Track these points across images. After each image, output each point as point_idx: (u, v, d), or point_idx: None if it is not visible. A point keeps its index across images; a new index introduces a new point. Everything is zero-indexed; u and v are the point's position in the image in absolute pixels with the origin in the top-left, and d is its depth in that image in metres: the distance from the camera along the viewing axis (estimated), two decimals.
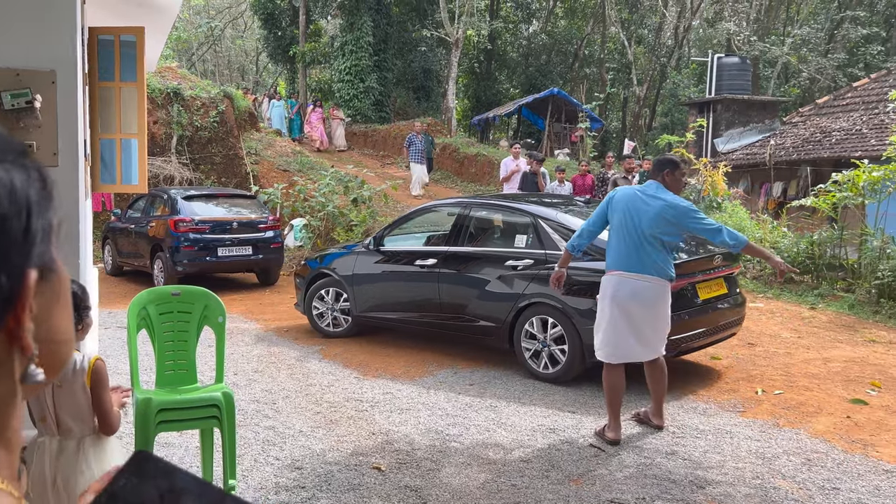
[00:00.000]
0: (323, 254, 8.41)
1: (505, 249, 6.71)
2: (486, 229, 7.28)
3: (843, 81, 25.55)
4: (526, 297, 6.31)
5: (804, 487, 4.13)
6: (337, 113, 23.75)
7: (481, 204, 7.41)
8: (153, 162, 15.12)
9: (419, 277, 7.12)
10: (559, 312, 6.12)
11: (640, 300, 4.76)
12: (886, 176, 9.55)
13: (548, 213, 6.59)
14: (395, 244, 7.66)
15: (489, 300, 6.61)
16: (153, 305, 3.99)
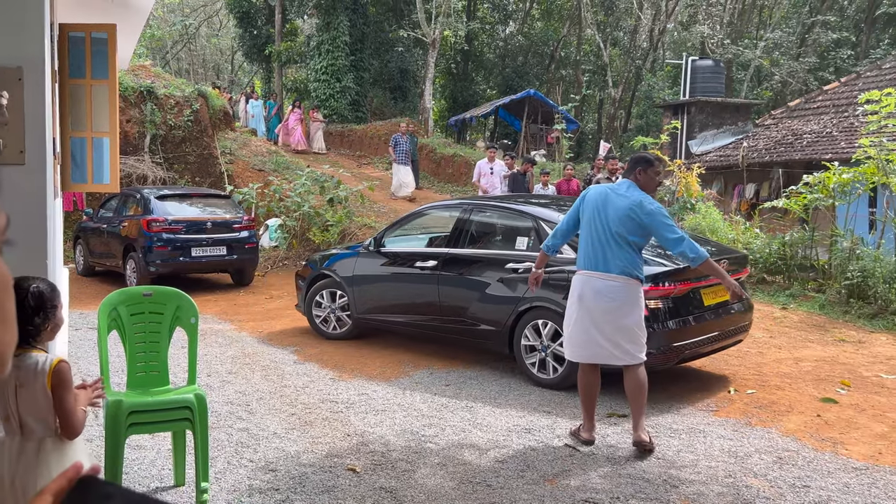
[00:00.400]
0: (325, 254, 8.30)
1: (505, 252, 6.58)
2: (487, 231, 7.13)
3: (814, 85, 25.93)
4: (526, 300, 6.14)
5: (775, 485, 4.18)
6: (316, 115, 23.45)
7: (482, 206, 7.28)
8: (126, 161, 14.95)
9: (419, 279, 7.01)
10: (560, 317, 5.68)
11: (605, 300, 4.64)
12: (856, 178, 9.69)
13: (549, 216, 6.42)
14: (395, 245, 7.56)
15: (489, 303, 6.49)
16: (124, 306, 3.93)
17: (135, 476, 4.16)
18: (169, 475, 4.17)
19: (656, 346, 5.46)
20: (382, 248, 7.48)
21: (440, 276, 6.83)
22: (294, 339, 7.89)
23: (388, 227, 7.79)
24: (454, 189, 19.97)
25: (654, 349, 5.38)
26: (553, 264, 5.83)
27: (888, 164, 9.36)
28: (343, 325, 7.78)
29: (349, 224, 13.44)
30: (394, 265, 7.33)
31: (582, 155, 29.89)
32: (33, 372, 2.49)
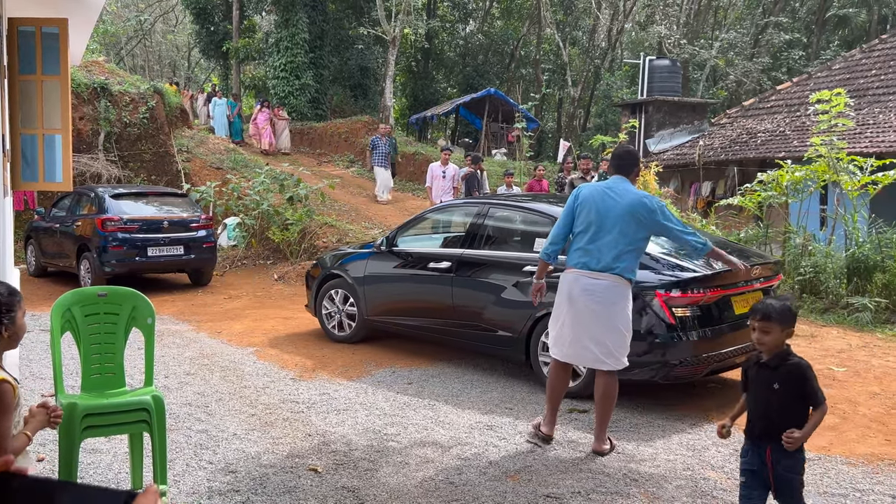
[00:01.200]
0: (336, 253, 8.02)
1: (523, 254, 6.21)
2: (504, 232, 6.75)
3: (767, 85, 26.50)
4: (544, 305, 5.56)
5: (732, 477, 4.26)
6: (281, 113, 22.93)
7: (500, 205, 6.90)
8: (79, 159, 14.62)
9: (432, 282, 6.72)
10: None
11: (597, 299, 4.55)
12: (808, 176, 9.92)
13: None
14: (408, 245, 7.26)
15: (505, 308, 6.18)
16: (78, 307, 3.85)
17: (90, 480, 4.07)
18: (126, 478, 4.09)
19: (683, 357, 5.28)
20: (395, 248, 7.20)
21: (454, 278, 6.53)
22: (254, 340, 7.80)
23: (401, 226, 7.54)
24: (416, 188, 19.94)
25: (680, 360, 5.26)
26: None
27: (838, 163, 9.60)
28: (342, 329, 7.57)
29: (309, 223, 13.33)
30: (406, 266, 7.05)
31: (542, 154, 30.11)
32: None
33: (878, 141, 13.44)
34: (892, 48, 16.28)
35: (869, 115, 14.57)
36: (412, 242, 7.36)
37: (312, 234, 13.26)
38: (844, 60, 17.37)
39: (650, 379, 5.43)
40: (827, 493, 4.05)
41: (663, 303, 5.26)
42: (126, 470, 4.16)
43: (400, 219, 15.43)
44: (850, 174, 9.44)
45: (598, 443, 4.66)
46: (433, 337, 6.92)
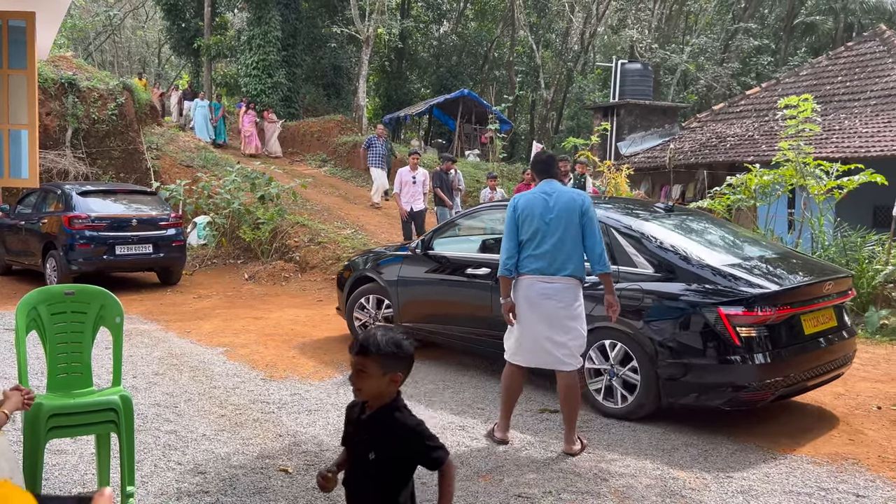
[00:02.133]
0: (368, 255, 7.69)
1: None
2: None
3: (736, 89, 26.88)
4: (592, 319, 5.15)
5: (700, 477, 4.31)
6: (271, 116, 22.35)
7: None
8: (46, 155, 14.37)
9: (469, 288, 6.32)
10: (631, 340, 5.21)
11: (554, 302, 4.60)
12: (776, 180, 10.07)
13: (622, 222, 5.62)
14: (444, 249, 6.85)
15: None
16: (44, 305, 3.78)
17: (56, 482, 4.00)
18: (92, 480, 4.03)
19: (749, 381, 4.82)
20: (430, 252, 6.81)
21: (493, 285, 5.84)
22: (223, 340, 7.73)
23: (436, 228, 7.16)
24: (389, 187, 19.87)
25: (746, 384, 4.82)
26: (626, 279, 5.29)
27: (805, 167, 9.76)
28: None
29: (281, 222, 13.24)
30: (442, 271, 6.67)
31: (515, 155, 30.23)
32: None
33: (843, 146, 13.71)
34: (857, 55, 16.62)
35: (835, 120, 14.85)
36: (448, 246, 6.94)
37: (284, 233, 13.17)
38: (811, 67, 17.68)
39: (713, 405, 4.97)
40: (793, 492, 4.12)
41: (727, 321, 4.81)
42: (92, 471, 4.10)
43: (377, 220, 15.41)
44: (816, 178, 9.61)
45: (567, 444, 4.69)
46: (470, 347, 6.51)
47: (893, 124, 13.93)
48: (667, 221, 5.81)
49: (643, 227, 5.57)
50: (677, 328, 5.02)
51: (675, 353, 4.99)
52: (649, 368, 5.10)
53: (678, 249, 5.31)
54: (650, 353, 5.09)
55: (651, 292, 5.18)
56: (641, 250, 5.37)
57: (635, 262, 5.35)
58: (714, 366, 4.90)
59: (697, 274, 5.08)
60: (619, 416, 5.28)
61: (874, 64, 16.00)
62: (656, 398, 5.11)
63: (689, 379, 4.95)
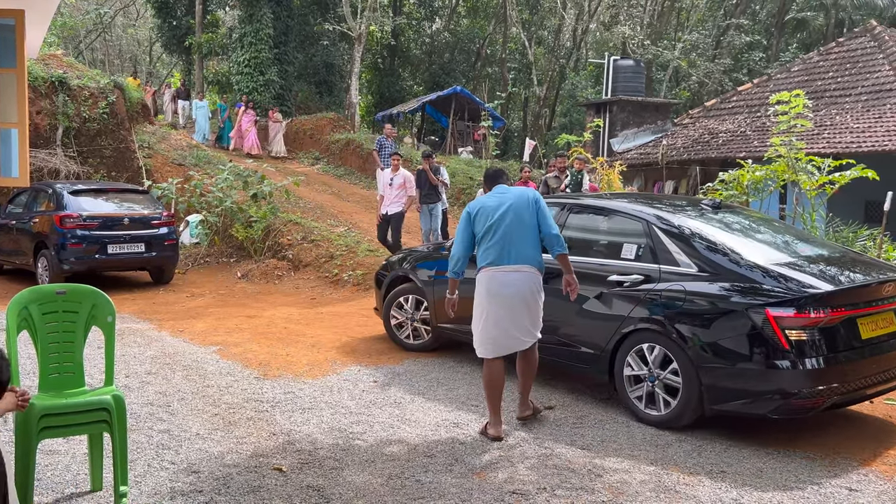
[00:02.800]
0: (406, 255, 7.54)
1: (608, 261, 5.56)
2: (587, 235, 6.04)
3: (728, 86, 26.94)
4: (631, 320, 5.15)
5: (694, 472, 4.33)
6: (276, 116, 21.84)
7: (582, 205, 6.18)
8: (36, 154, 14.29)
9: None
10: (672, 343, 4.98)
11: (515, 289, 4.84)
12: (768, 175, 10.09)
13: (666, 219, 5.41)
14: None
15: (587, 322, 5.54)
16: (36, 305, 3.76)
17: (48, 482, 3.99)
18: (85, 480, 4.01)
19: (799, 388, 4.55)
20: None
21: None
22: (216, 338, 7.70)
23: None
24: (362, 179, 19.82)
25: (796, 391, 4.54)
26: (668, 279, 5.10)
27: (797, 163, 9.78)
28: (422, 336, 7.09)
29: (274, 220, 13.21)
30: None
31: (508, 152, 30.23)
32: None
33: (835, 142, 13.75)
34: (848, 51, 16.67)
35: (826, 116, 14.89)
36: None
37: (277, 231, 13.14)
38: (803, 63, 17.73)
39: (760, 413, 4.70)
40: (786, 487, 4.14)
41: (775, 324, 4.55)
42: (85, 471, 4.08)
43: (370, 217, 15.37)
44: (808, 174, 9.63)
45: (522, 409, 5.12)
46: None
47: (884, 120, 13.98)
48: (712, 219, 5.59)
49: (687, 224, 5.33)
50: (722, 331, 4.77)
51: (719, 357, 4.76)
52: (692, 373, 4.85)
53: (724, 248, 5.07)
54: (693, 358, 4.85)
55: (694, 293, 4.94)
56: (685, 249, 5.14)
57: (678, 262, 5.12)
58: (761, 371, 4.63)
59: (744, 274, 4.84)
60: (660, 424, 5.03)
61: (865, 60, 16.05)
62: (699, 405, 4.85)
63: (733, 385, 4.71)
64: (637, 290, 5.09)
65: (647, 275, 5.20)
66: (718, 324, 4.80)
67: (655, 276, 5.10)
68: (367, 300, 10.01)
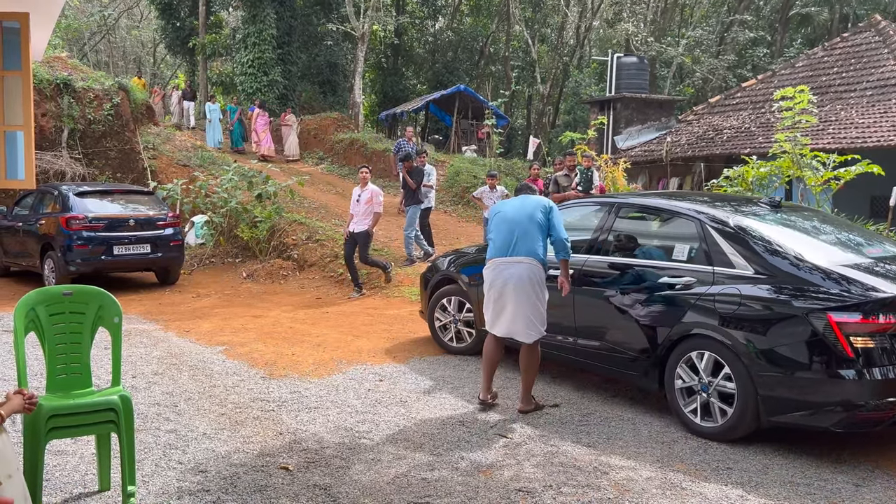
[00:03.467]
0: (450, 256, 7.40)
1: (660, 263, 5.33)
2: (638, 235, 5.84)
3: (732, 82, 26.86)
4: (684, 325, 4.91)
5: (700, 469, 4.33)
6: (288, 118, 21.48)
7: (633, 204, 5.98)
8: (42, 156, 14.35)
9: (552, 292, 5.71)
10: (727, 350, 4.69)
11: (511, 276, 5.24)
12: (773, 172, 10.07)
13: (720, 218, 5.13)
14: None
15: (635, 326, 5.28)
16: (43, 306, 3.78)
17: (56, 482, 4.01)
18: (93, 480, 4.03)
19: (865, 400, 4.25)
20: None
21: (577, 288, 5.61)
22: (222, 338, 7.73)
23: None
24: (386, 184, 19.87)
25: (862, 402, 4.26)
26: (722, 281, 4.85)
27: (802, 158, 9.76)
28: (465, 339, 6.96)
29: (278, 220, 13.24)
30: None
31: (512, 150, 30.21)
32: None
33: (840, 137, 13.71)
34: (852, 46, 16.61)
35: (831, 111, 14.85)
36: None
37: (282, 231, 13.17)
38: (807, 58, 17.68)
39: (822, 426, 4.41)
40: (791, 483, 4.13)
41: (838, 330, 4.27)
42: (93, 471, 4.10)
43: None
44: (813, 170, 9.61)
45: (523, 404, 5.36)
46: (551, 354, 5.95)
47: (889, 114, 13.94)
48: (771, 218, 5.30)
49: (743, 224, 5.03)
50: (780, 337, 4.47)
51: (777, 365, 4.46)
52: (747, 383, 4.56)
53: (782, 249, 4.78)
54: (748, 366, 4.56)
55: (750, 297, 4.64)
56: (741, 250, 4.85)
57: (733, 263, 4.85)
58: (822, 381, 4.32)
59: (804, 276, 4.54)
60: (714, 436, 4.76)
61: (870, 54, 16.00)
62: (755, 416, 4.57)
63: (792, 395, 4.42)
64: (689, 294, 4.91)
65: (700, 277, 4.96)
66: (776, 330, 4.50)
67: (709, 279, 4.88)
68: (372, 299, 10.02)
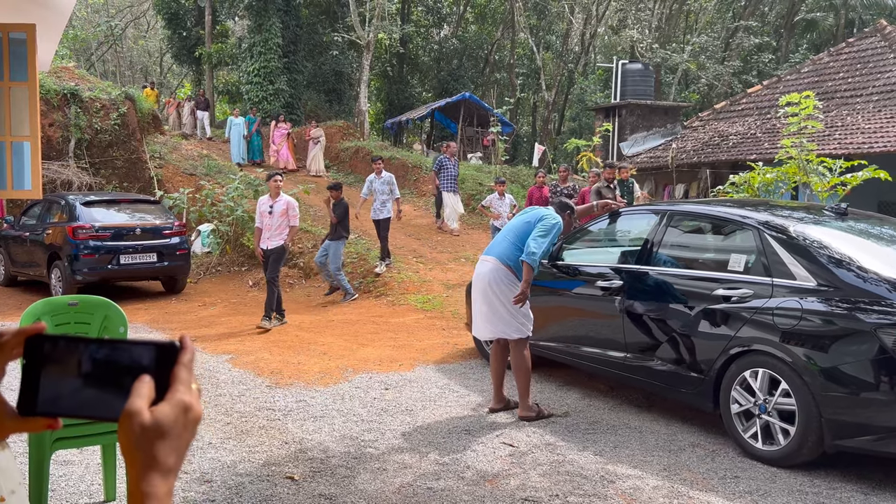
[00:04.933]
0: None
1: (714, 274, 5.02)
2: (690, 245, 5.60)
3: (738, 88, 26.85)
4: (739, 340, 4.59)
5: (707, 478, 4.30)
6: (314, 132, 20.19)
7: (686, 212, 5.70)
8: (49, 166, 14.42)
9: (598, 304, 5.69)
10: (787, 367, 4.36)
11: (480, 275, 5.43)
12: (779, 178, 10.04)
13: (780, 226, 4.78)
14: (574, 259, 6.22)
15: (687, 341, 4.98)
16: (49, 317, 3.79)
17: (62, 493, 4.01)
18: (99, 490, 4.03)
19: None
20: (559, 263, 6.16)
21: (625, 300, 5.42)
22: (228, 347, 7.73)
23: (567, 236, 6.26)
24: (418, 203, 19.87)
25: None
26: (781, 294, 4.49)
27: (808, 164, 9.74)
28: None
29: None
30: (568, 283, 6.06)
31: (517, 158, 30.22)
32: None
33: (846, 143, 13.67)
34: (858, 51, 16.57)
35: (837, 117, 14.80)
36: (579, 256, 6.29)
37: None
38: (813, 64, 17.64)
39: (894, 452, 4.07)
40: (800, 492, 4.10)
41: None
42: (99, 481, 4.10)
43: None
44: (819, 175, 9.58)
45: (522, 410, 5.35)
46: (598, 370, 5.82)
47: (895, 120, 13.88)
48: (836, 226, 4.94)
49: (806, 232, 4.69)
50: (845, 355, 4.13)
51: (842, 385, 4.13)
52: (810, 404, 4.22)
53: (848, 260, 4.42)
54: (810, 385, 4.22)
55: (813, 311, 4.30)
56: (802, 261, 4.50)
57: (794, 275, 4.49)
58: (892, 402, 3.99)
59: (871, 289, 4.18)
60: (774, 461, 4.44)
61: (875, 60, 15.95)
62: (818, 440, 4.23)
63: (859, 418, 4.09)
64: (746, 307, 4.59)
65: (757, 289, 4.62)
66: (841, 346, 4.16)
67: (767, 292, 4.55)
68: (377, 307, 10.02)
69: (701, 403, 4.97)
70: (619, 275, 5.58)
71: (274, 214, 8.92)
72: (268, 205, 8.97)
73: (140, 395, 0.79)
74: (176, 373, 0.81)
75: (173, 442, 0.79)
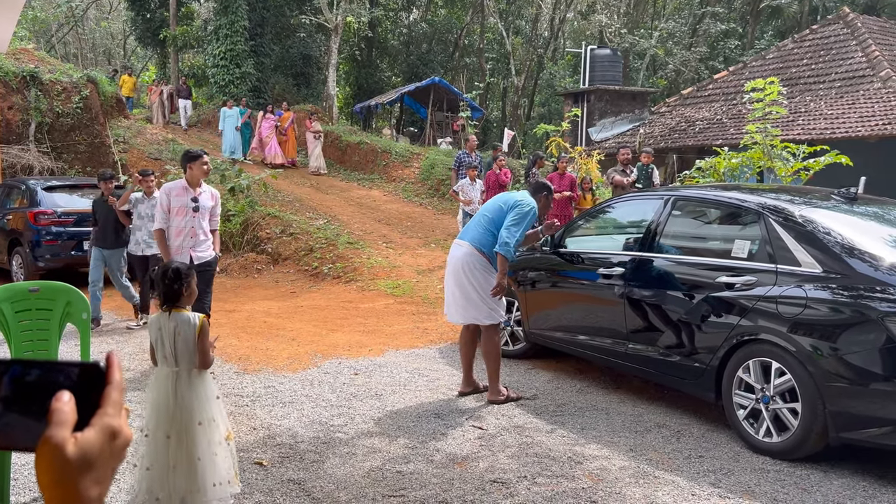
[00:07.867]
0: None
1: (716, 260, 4.88)
2: (692, 231, 5.49)
3: (704, 74, 27.10)
4: (742, 329, 4.48)
5: (672, 457, 4.37)
6: (314, 126, 19.04)
7: (689, 197, 5.55)
8: (9, 150, 14.09)
9: (600, 292, 5.60)
10: (791, 357, 4.23)
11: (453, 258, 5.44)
12: (744, 163, 10.18)
13: (786, 211, 4.62)
14: (576, 245, 6.15)
15: (689, 330, 4.87)
16: (8, 303, 3.72)
17: (25, 482, 3.95)
18: None
19: None
20: (561, 250, 6.11)
21: (626, 288, 5.31)
22: None
23: (568, 224, 6.35)
24: (361, 177, 19.82)
25: None
26: (786, 282, 4.35)
27: (772, 150, 9.88)
28: (516, 342, 6.57)
29: (252, 213, 13.13)
30: (570, 270, 6.00)
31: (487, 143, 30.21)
32: (187, 324, 3.48)
33: (809, 128, 13.89)
34: (822, 38, 16.82)
35: (801, 103, 15.03)
36: (582, 244, 6.21)
37: (255, 225, 13.06)
38: (777, 50, 17.87)
39: None
40: (763, 470, 4.19)
41: None
42: None
43: (349, 210, 15.31)
44: (783, 160, 9.72)
45: (491, 394, 5.39)
46: (600, 359, 5.74)
47: (857, 106, 14.14)
48: (844, 211, 4.79)
49: (811, 217, 4.52)
50: (852, 344, 4.01)
51: (848, 375, 4.00)
52: (813, 395, 4.11)
53: (856, 246, 4.28)
54: (815, 376, 4.10)
55: (818, 299, 4.16)
56: (808, 247, 4.36)
57: (799, 261, 4.35)
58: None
59: (880, 277, 4.03)
60: (777, 453, 4.33)
61: (838, 46, 16.21)
62: (822, 432, 4.11)
63: (865, 410, 3.95)
64: (749, 295, 4.46)
65: (761, 276, 4.49)
66: (848, 335, 4.03)
67: (771, 279, 4.42)
68: (346, 293, 9.98)
69: (702, 393, 4.86)
70: (620, 262, 5.45)
71: (201, 211, 6.41)
72: (188, 197, 6.35)
73: (60, 423, 0.71)
74: (107, 393, 0.74)
75: (98, 473, 0.71)
